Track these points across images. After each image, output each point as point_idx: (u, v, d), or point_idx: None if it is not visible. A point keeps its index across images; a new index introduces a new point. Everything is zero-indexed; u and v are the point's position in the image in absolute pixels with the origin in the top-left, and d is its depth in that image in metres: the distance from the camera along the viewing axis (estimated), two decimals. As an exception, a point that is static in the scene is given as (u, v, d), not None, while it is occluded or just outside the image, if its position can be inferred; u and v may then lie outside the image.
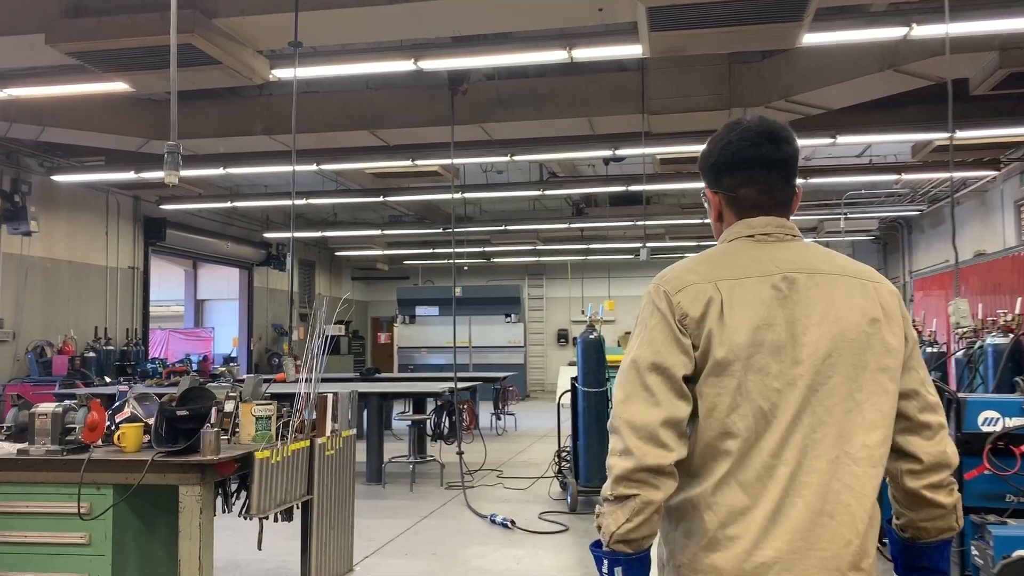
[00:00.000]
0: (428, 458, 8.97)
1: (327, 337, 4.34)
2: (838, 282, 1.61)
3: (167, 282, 24.68)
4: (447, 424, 8.81)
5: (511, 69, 9.69)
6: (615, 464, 1.54)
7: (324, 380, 12.44)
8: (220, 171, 11.57)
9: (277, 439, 4.00)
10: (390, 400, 11.14)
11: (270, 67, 7.05)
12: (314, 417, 4.36)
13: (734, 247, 1.69)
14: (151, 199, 15.33)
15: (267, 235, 18.84)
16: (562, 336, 23.98)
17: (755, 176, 1.70)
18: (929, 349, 7.91)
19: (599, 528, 1.56)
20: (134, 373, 13.62)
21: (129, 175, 11.87)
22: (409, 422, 8.58)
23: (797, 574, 1.48)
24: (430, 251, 21.00)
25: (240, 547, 5.47)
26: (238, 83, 6.74)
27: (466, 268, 21.23)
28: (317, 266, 23.24)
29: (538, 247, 19.74)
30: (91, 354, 13.58)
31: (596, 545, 1.58)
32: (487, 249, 20.67)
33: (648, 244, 20.75)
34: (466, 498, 7.62)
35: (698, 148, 10.66)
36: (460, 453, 8.00)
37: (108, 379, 12.72)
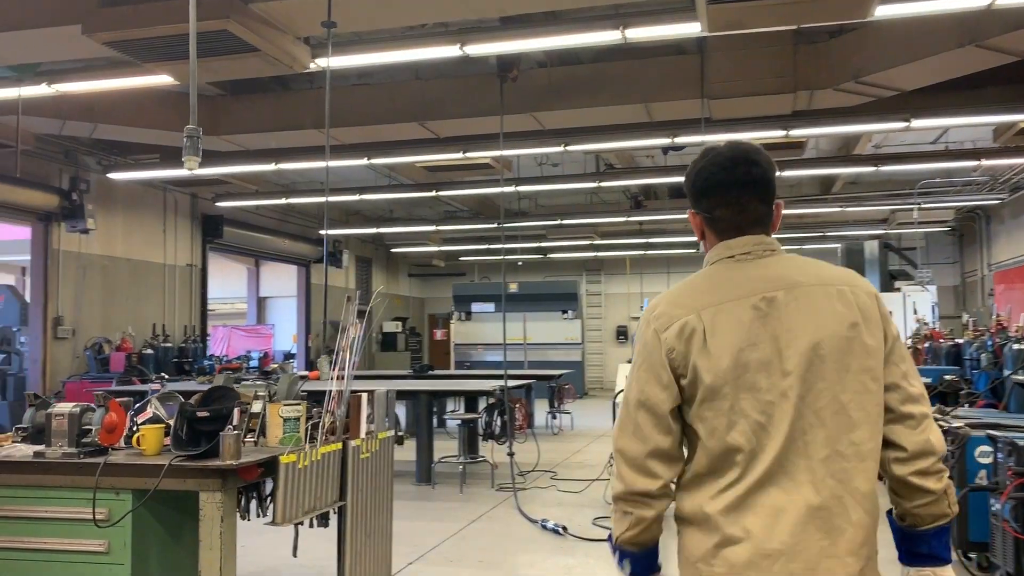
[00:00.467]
0: (479, 458, 8.69)
1: (360, 334, 4.07)
2: (816, 292, 1.72)
3: (230, 279, 24.99)
4: (498, 424, 8.50)
5: (563, 55, 9.35)
6: (614, 485, 1.79)
7: (376, 377, 12.29)
8: (272, 167, 11.46)
9: (306, 442, 3.74)
10: (441, 398, 10.92)
11: (312, 55, 6.83)
12: (347, 418, 4.09)
13: (715, 270, 1.81)
14: (208, 196, 15.38)
15: (324, 232, 18.80)
16: (621, 333, 23.52)
17: (728, 198, 1.81)
18: (1016, 346, 7.33)
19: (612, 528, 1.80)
20: (191, 370, 13.67)
21: (182, 172, 11.81)
22: (460, 421, 8.30)
23: (800, 563, 1.62)
24: (485, 247, 20.75)
25: (281, 551, 5.26)
26: (278, 71, 6.53)
27: (520, 264, 20.94)
28: (374, 263, 23.21)
29: (595, 242, 19.33)
30: (149, 351, 13.66)
31: (611, 538, 1.81)
32: (543, 244, 20.34)
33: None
34: (517, 501, 7.32)
35: (762, 134, 10.19)
36: (511, 454, 7.69)
37: (165, 376, 12.78)
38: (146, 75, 7.35)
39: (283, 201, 15.11)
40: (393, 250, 23.14)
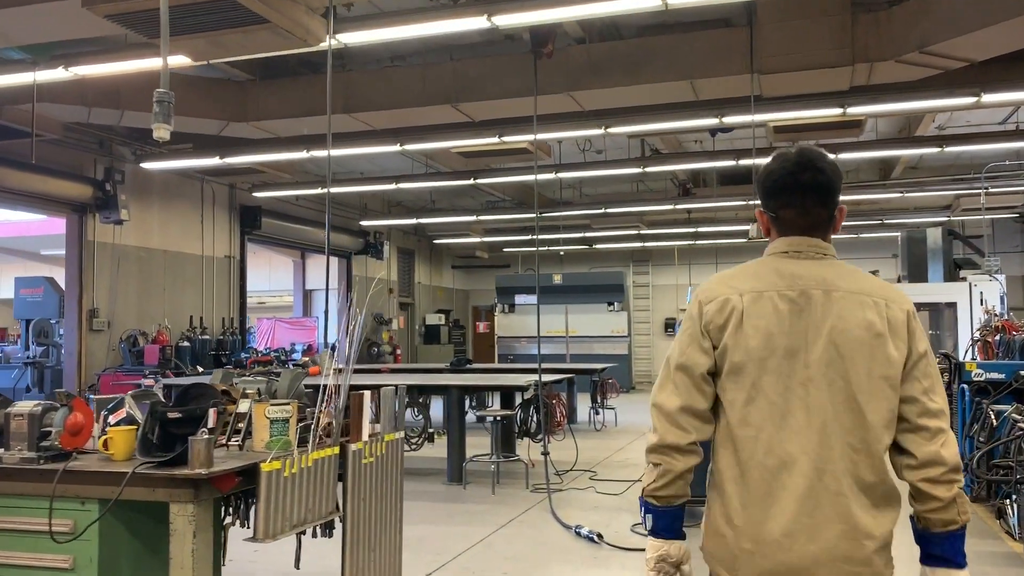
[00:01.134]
0: (513, 457, 8.25)
1: (359, 323, 3.64)
2: (852, 299, 1.86)
3: (277, 272, 24.97)
4: (534, 420, 8.04)
5: (603, 30, 8.83)
6: (649, 438, 1.95)
7: (411, 371, 11.90)
8: (304, 154, 11.13)
9: (296, 446, 3.32)
10: (476, 393, 10.51)
11: (331, 31, 6.42)
12: (348, 419, 3.67)
13: (767, 261, 1.97)
14: (245, 187, 15.17)
15: (363, 223, 18.52)
16: (669, 325, 22.81)
17: (793, 200, 1.96)
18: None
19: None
20: (229, 362, 13.47)
21: (214, 161, 11.60)
22: (492, 418, 7.86)
23: (804, 544, 1.77)
24: (529, 237, 20.27)
25: (288, 558, 4.86)
26: (293, 46, 6.13)
27: (562, 253, 20.39)
28: (417, 255, 22.90)
29: (642, 231, 18.72)
30: (185, 343, 13.49)
31: (641, 497, 1.98)
32: (587, 235, 19.79)
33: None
34: (551, 504, 6.85)
35: (817, 112, 9.52)
36: (545, 454, 7.23)
37: (201, 369, 12.59)
38: (160, 56, 7.03)
39: (319, 191, 14.79)
40: (436, 241, 22.80)
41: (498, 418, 7.86)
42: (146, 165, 12.20)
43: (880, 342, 1.82)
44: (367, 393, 3.77)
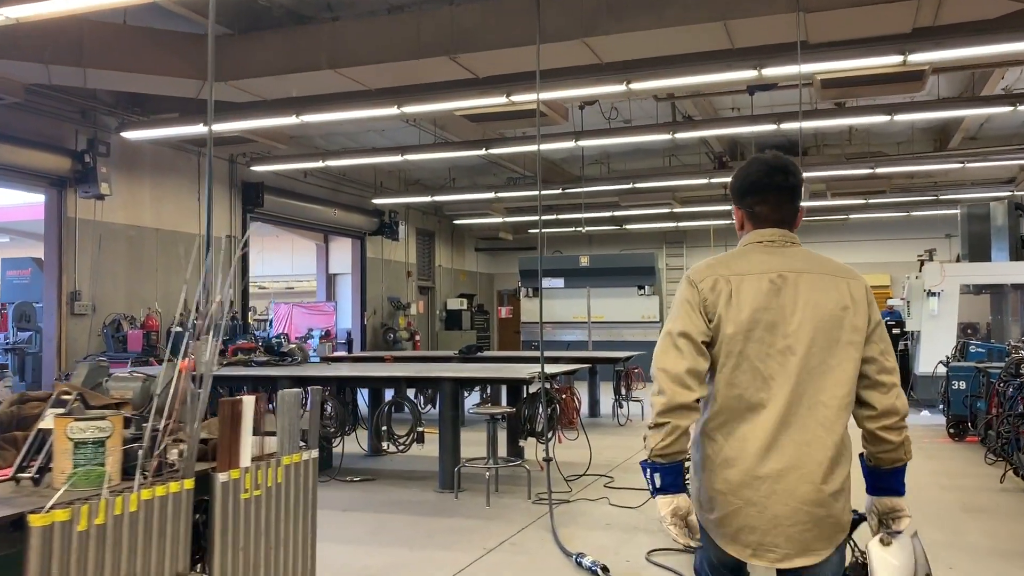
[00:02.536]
0: (512, 461, 7.13)
1: (229, 305, 2.54)
2: (820, 279, 2.22)
3: (300, 256, 24.11)
4: (541, 417, 6.89)
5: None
6: (655, 401, 2.17)
7: (416, 360, 10.69)
8: (295, 120, 10.04)
9: (107, 482, 2.21)
10: (478, 386, 9.40)
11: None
12: (205, 436, 2.56)
13: (747, 250, 2.32)
14: (242, 160, 14.17)
15: (376, 201, 17.46)
16: (705, 310, 21.53)
17: (767, 198, 2.32)
18: None
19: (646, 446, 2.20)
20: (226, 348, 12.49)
21: (199, 128, 10.56)
22: (488, 416, 6.72)
23: (784, 484, 2.12)
24: (554, 216, 19.08)
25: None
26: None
27: (584, 231, 19.16)
28: (437, 236, 21.82)
29: (675, 209, 17.41)
30: (179, 328, 12.51)
31: (643, 461, 2.21)
32: (616, 214, 18.54)
33: (803, 203, 18.05)
34: (552, 522, 5.70)
35: (872, 62, 8.19)
36: (548, 460, 6.07)
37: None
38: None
39: (320, 164, 13.73)
40: (456, 222, 21.69)
41: (496, 416, 6.72)
42: (127, 135, 11.21)
43: (847, 314, 2.19)
44: (248, 399, 2.65)
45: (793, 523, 2.10)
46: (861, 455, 2.29)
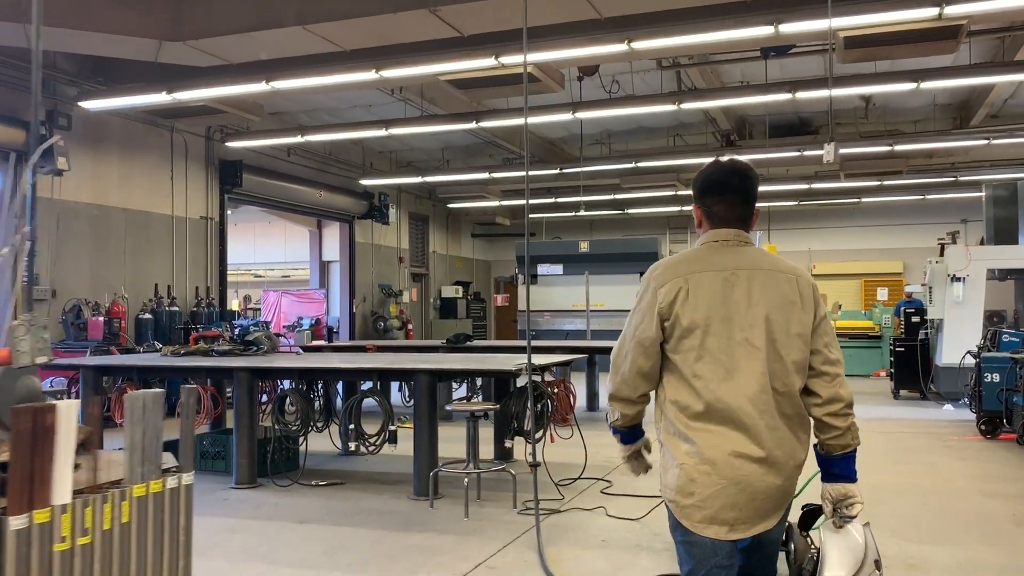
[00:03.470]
0: (497, 464, 6.29)
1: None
2: (770, 276, 2.38)
3: (293, 243, 23.24)
4: (529, 415, 6.03)
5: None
6: (608, 387, 2.51)
7: (400, 349, 9.85)
8: (264, 86, 9.14)
9: None
10: (454, 379, 8.56)
11: None
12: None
13: (704, 249, 2.46)
14: (215, 135, 13.30)
15: (365, 182, 16.59)
16: (710, 298, 20.67)
17: (724, 198, 2.46)
18: None
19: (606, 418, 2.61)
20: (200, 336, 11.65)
21: (162, 97, 9.67)
22: (468, 414, 5.87)
23: (753, 466, 2.27)
24: (552, 200, 18.20)
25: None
26: None
27: (583, 212, 18.29)
28: (431, 221, 20.94)
29: (679, 192, 16.52)
30: (147, 316, 11.71)
31: (609, 424, 2.61)
32: (617, 197, 17.67)
33: (814, 185, 17.14)
34: (539, 541, 4.86)
35: (904, 15, 7.29)
36: (535, 465, 5.22)
37: (159, 345, 10.82)
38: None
39: (300, 139, 12.87)
40: (451, 206, 20.82)
41: (476, 414, 5.87)
42: (87, 104, 10.34)
43: (795, 308, 2.35)
44: (65, 404, 1.79)
45: (766, 498, 2.29)
46: (814, 445, 2.43)
